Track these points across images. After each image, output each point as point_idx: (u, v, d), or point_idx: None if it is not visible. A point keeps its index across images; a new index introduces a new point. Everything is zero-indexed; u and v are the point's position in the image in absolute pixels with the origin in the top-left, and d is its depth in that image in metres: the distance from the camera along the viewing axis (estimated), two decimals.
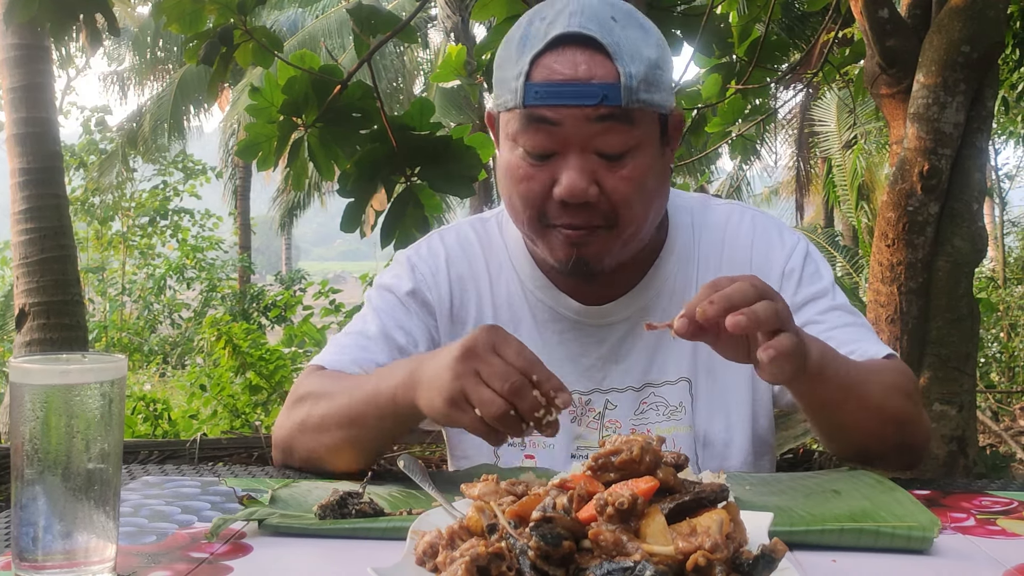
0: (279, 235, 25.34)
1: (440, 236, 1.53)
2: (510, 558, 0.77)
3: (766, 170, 20.17)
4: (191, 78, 16.42)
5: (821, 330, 1.37)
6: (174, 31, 2.73)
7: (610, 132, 1.24)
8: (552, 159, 1.27)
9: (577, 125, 1.23)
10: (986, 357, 9.23)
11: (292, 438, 1.35)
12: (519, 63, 1.25)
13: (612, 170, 1.26)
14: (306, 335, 8.58)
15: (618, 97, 1.22)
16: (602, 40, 1.23)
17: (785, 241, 1.45)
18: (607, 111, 1.23)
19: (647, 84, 1.24)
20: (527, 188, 1.29)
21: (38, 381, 0.87)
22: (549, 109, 1.23)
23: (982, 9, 3.00)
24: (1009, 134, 10.32)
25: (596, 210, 1.27)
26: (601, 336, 1.42)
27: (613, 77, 1.22)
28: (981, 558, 0.95)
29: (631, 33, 1.25)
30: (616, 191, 1.26)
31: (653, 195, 1.31)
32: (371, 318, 1.46)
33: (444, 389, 1.09)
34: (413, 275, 1.48)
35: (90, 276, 15.43)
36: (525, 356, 1.08)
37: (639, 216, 1.30)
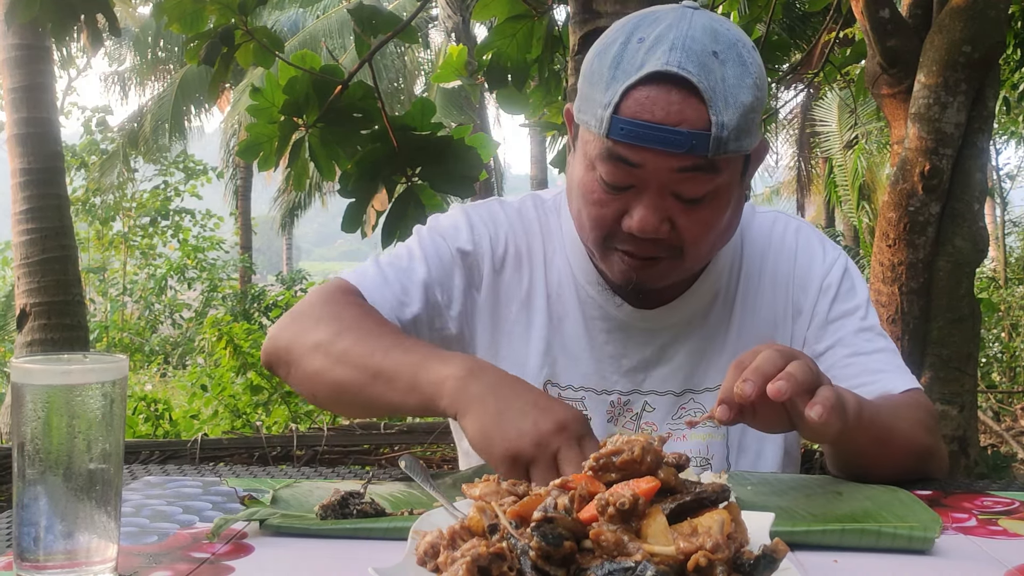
0: (280, 235, 25.34)
1: (501, 205, 1.48)
2: (511, 558, 0.77)
3: (767, 170, 20.17)
4: (192, 78, 16.44)
5: (847, 353, 1.37)
6: (175, 31, 2.73)
7: (692, 181, 1.21)
8: (628, 191, 1.24)
9: (659, 169, 1.20)
10: (987, 357, 9.23)
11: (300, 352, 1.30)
12: (610, 90, 1.20)
13: (688, 212, 1.24)
14: None
15: (706, 148, 1.17)
16: (699, 85, 1.17)
17: (827, 254, 1.45)
18: (691, 162, 1.19)
19: (738, 132, 1.19)
20: (599, 212, 1.26)
21: (39, 381, 0.87)
22: (632, 150, 1.19)
23: (983, 9, 3.00)
24: (1010, 134, 10.33)
25: (663, 243, 1.26)
26: (646, 339, 1.41)
27: (704, 125, 1.17)
28: (983, 558, 0.95)
29: (730, 72, 1.19)
30: (688, 231, 1.25)
31: (724, 232, 1.31)
32: (419, 259, 1.40)
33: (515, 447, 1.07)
34: (472, 234, 1.43)
35: (91, 276, 15.45)
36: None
37: (705, 252, 1.31)
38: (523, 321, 1.42)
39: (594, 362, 1.42)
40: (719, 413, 1.05)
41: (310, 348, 1.29)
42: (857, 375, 1.35)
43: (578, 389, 1.41)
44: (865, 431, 1.16)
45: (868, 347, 1.39)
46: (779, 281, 1.44)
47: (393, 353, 1.22)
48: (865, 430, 1.16)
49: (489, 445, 1.09)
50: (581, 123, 1.27)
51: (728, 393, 1.05)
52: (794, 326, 1.43)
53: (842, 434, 1.11)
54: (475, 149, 2.76)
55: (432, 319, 1.39)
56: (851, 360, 1.37)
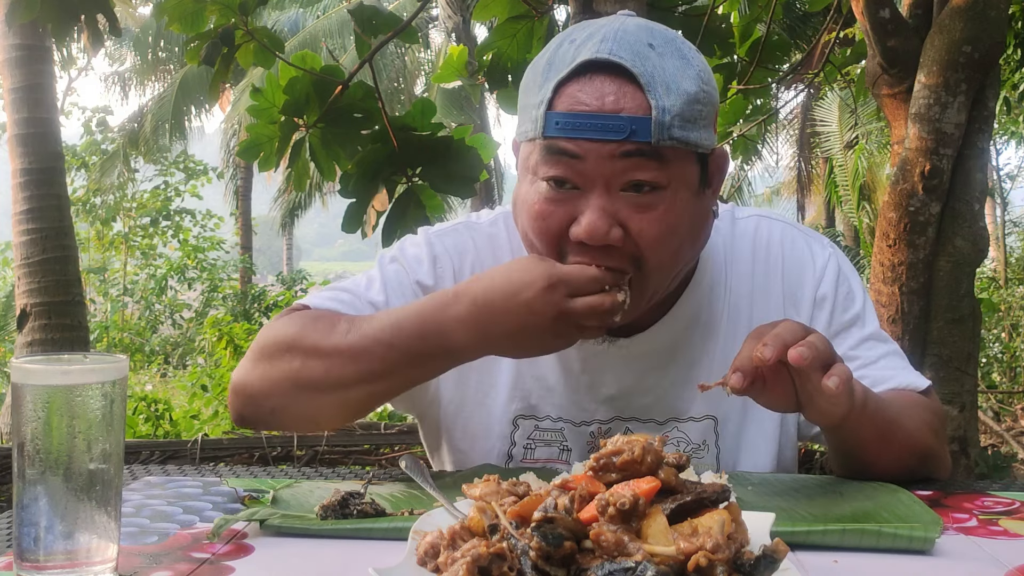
0: (280, 235, 25.36)
1: (471, 231, 1.41)
2: (511, 558, 0.77)
3: (767, 170, 20.16)
4: (192, 78, 16.44)
5: (855, 367, 1.30)
6: (175, 31, 2.74)
7: (637, 168, 1.13)
8: (573, 193, 1.15)
9: (601, 161, 1.12)
10: (987, 357, 9.23)
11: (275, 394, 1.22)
12: (542, 90, 1.15)
13: (639, 211, 1.14)
14: None
15: (647, 133, 1.11)
16: (633, 69, 1.11)
17: (816, 260, 1.37)
18: (635, 147, 1.11)
19: (683, 120, 1.12)
20: (544, 225, 1.17)
21: (40, 381, 0.87)
22: (571, 142, 1.13)
23: (983, 9, 3.00)
24: (1011, 134, 10.34)
25: (619, 253, 1.15)
26: (625, 367, 1.33)
27: (644, 110, 1.11)
28: (983, 558, 0.95)
29: (669, 63, 1.14)
30: (642, 234, 1.15)
31: (685, 241, 1.20)
32: (377, 287, 1.35)
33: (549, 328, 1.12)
34: (433, 268, 1.36)
35: (91, 276, 15.45)
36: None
37: (666, 265, 1.20)
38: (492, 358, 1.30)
39: (570, 393, 1.35)
40: (733, 380, 1.04)
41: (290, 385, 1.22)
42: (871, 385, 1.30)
43: (556, 420, 1.35)
44: (869, 420, 1.15)
45: (873, 355, 1.35)
46: (770, 298, 1.36)
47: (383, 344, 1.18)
48: (870, 419, 1.15)
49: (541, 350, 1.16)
50: (520, 137, 1.21)
51: (744, 362, 1.04)
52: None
53: (847, 419, 1.10)
54: (475, 149, 2.76)
55: None
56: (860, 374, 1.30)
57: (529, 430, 1.35)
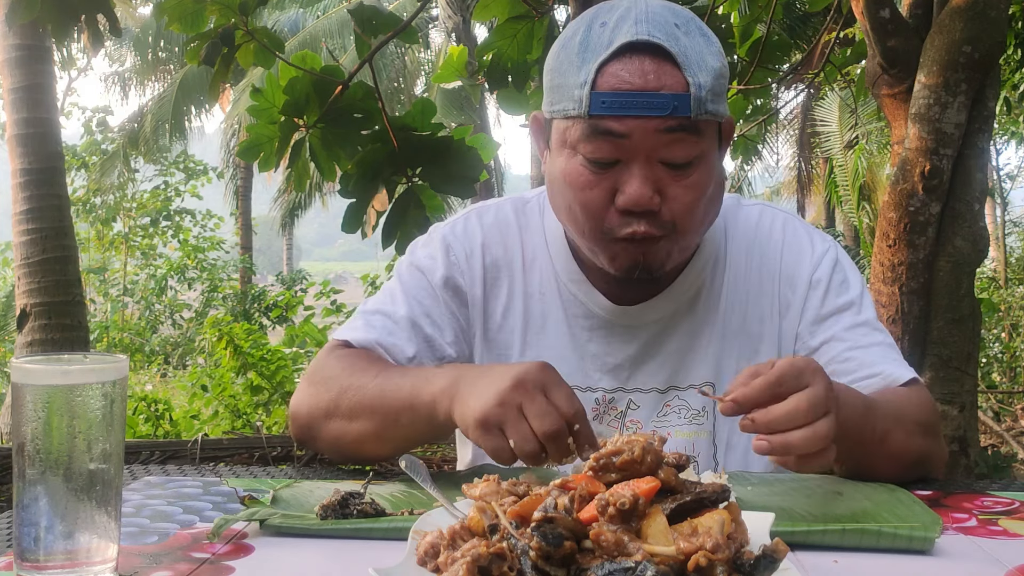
0: (280, 235, 25.35)
1: (479, 215, 1.49)
2: (511, 558, 0.77)
3: (768, 170, 20.17)
4: (192, 78, 16.44)
5: (843, 348, 1.36)
6: (176, 31, 2.73)
7: (678, 143, 1.22)
8: (614, 167, 1.24)
9: (645, 136, 1.21)
10: (987, 357, 9.22)
11: (317, 422, 1.33)
12: (583, 70, 1.21)
13: (677, 180, 1.24)
14: (307, 335, 8.58)
15: (687, 108, 1.20)
16: (671, 49, 1.20)
17: (815, 247, 1.43)
18: (676, 122, 1.20)
19: (713, 94, 1.22)
20: (588, 196, 1.25)
21: (40, 381, 0.87)
22: (616, 120, 1.20)
23: (983, 9, 3.00)
24: (1011, 134, 10.33)
25: (657, 218, 1.25)
26: (630, 336, 1.40)
27: (683, 87, 1.20)
28: (983, 558, 0.95)
29: (696, 41, 1.23)
30: (678, 200, 1.24)
31: (712, 203, 1.30)
32: (400, 299, 1.43)
33: (483, 411, 1.09)
34: (447, 258, 1.44)
35: (92, 277, 15.44)
36: (572, 403, 1.09)
37: (698, 224, 1.29)
38: (506, 327, 1.43)
39: (577, 360, 1.41)
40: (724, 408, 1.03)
41: (323, 417, 1.32)
42: (855, 370, 1.34)
43: None
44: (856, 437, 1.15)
45: (865, 341, 1.37)
46: (765, 277, 1.42)
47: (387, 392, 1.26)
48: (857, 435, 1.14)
49: (465, 424, 1.13)
50: (555, 114, 1.27)
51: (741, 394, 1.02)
52: (782, 322, 1.41)
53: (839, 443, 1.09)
54: (475, 149, 2.76)
55: (430, 350, 1.41)
56: (849, 355, 1.35)
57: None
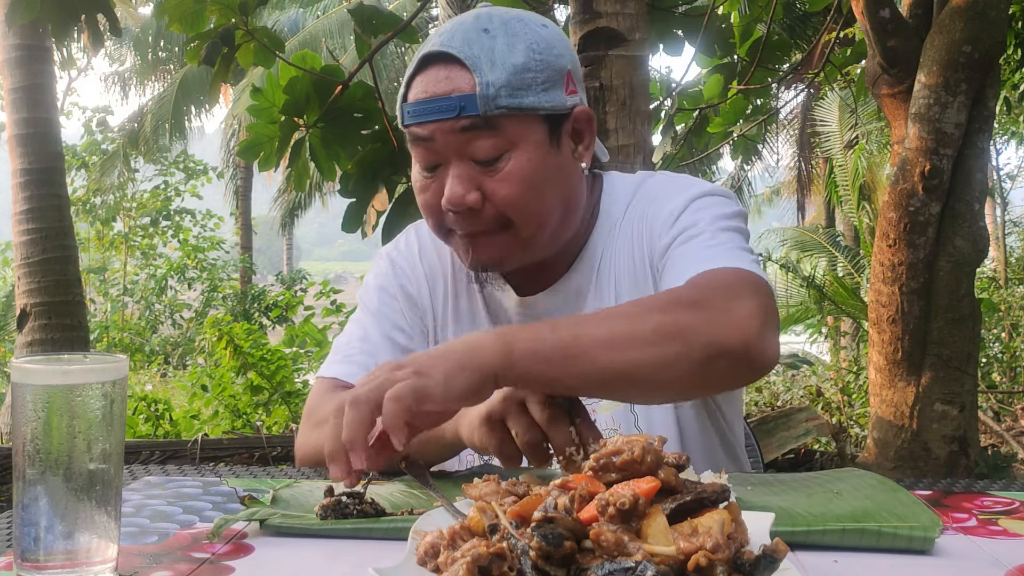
0: (280, 235, 25.35)
1: (416, 229, 1.60)
2: (511, 558, 0.77)
3: (767, 170, 20.15)
4: (192, 78, 16.43)
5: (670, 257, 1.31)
6: (176, 31, 2.74)
7: (477, 140, 1.28)
8: (439, 170, 1.32)
9: (445, 138, 1.29)
10: (987, 357, 9.22)
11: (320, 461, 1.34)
12: (403, 86, 1.33)
13: (489, 175, 1.30)
14: (307, 335, 8.59)
15: (474, 107, 1.26)
16: (458, 55, 1.27)
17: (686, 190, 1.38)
18: (468, 121, 1.27)
19: (511, 89, 1.26)
20: (425, 199, 1.36)
21: (40, 381, 0.87)
22: (420, 126, 1.30)
23: (983, 9, 3.00)
24: (1011, 134, 10.34)
25: (482, 215, 1.31)
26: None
27: (470, 87, 1.26)
28: (983, 558, 0.95)
29: (497, 43, 1.28)
30: (496, 194, 1.29)
31: (546, 192, 1.32)
32: (369, 322, 1.51)
33: (486, 409, 1.12)
34: (394, 272, 1.54)
35: (92, 276, 15.45)
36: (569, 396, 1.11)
37: (533, 216, 1.31)
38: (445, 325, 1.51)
39: None
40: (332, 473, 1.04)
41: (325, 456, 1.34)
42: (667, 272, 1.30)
43: None
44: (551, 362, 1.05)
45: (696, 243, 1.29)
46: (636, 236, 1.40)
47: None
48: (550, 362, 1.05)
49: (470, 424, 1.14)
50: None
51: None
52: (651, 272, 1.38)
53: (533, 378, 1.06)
54: None
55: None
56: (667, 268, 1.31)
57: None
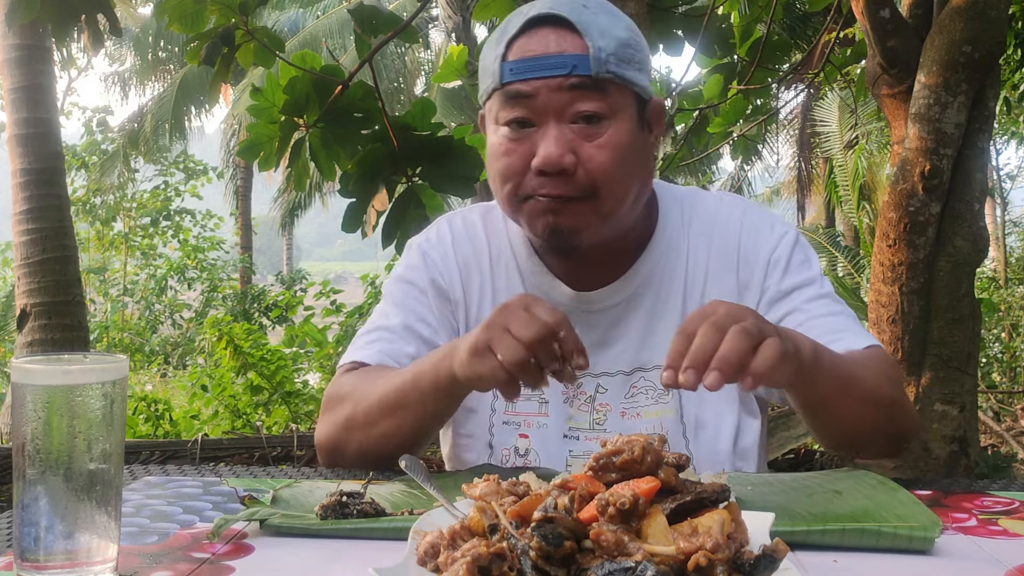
0: (280, 235, 25.34)
1: (448, 220, 1.58)
2: (511, 558, 0.77)
3: (767, 170, 20.17)
4: (192, 78, 16.43)
5: (803, 319, 1.39)
6: (176, 31, 2.73)
7: (582, 99, 1.29)
8: (531, 132, 1.32)
9: (550, 95, 1.29)
10: (987, 357, 9.22)
11: (339, 438, 1.39)
12: (497, 48, 1.33)
13: (588, 139, 1.30)
14: (307, 335, 8.58)
15: (587, 67, 1.28)
16: (571, 18, 1.30)
17: (774, 230, 1.47)
18: (578, 80, 1.29)
19: (617, 59, 1.30)
20: (507, 163, 1.33)
21: (40, 381, 0.87)
22: (524, 83, 1.30)
23: (983, 9, 3.00)
24: (1011, 134, 10.34)
25: (573, 180, 1.31)
26: (592, 322, 1.44)
27: (583, 49, 1.29)
28: (983, 558, 0.95)
29: (601, 17, 1.32)
30: (592, 159, 1.30)
31: (632, 170, 1.34)
32: (392, 312, 1.50)
33: (471, 339, 1.17)
34: (425, 263, 1.52)
35: (92, 277, 15.45)
36: (554, 314, 1.15)
37: (618, 189, 1.33)
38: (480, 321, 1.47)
39: None
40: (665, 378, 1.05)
41: (344, 431, 1.38)
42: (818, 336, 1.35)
43: None
44: (825, 376, 1.18)
45: (825, 311, 1.41)
46: (725, 259, 1.45)
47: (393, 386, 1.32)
48: (825, 375, 1.18)
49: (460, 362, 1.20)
50: (484, 97, 1.37)
51: (672, 358, 1.05)
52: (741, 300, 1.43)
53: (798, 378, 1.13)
54: (475, 149, 2.76)
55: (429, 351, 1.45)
56: (811, 323, 1.38)
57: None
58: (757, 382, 1.03)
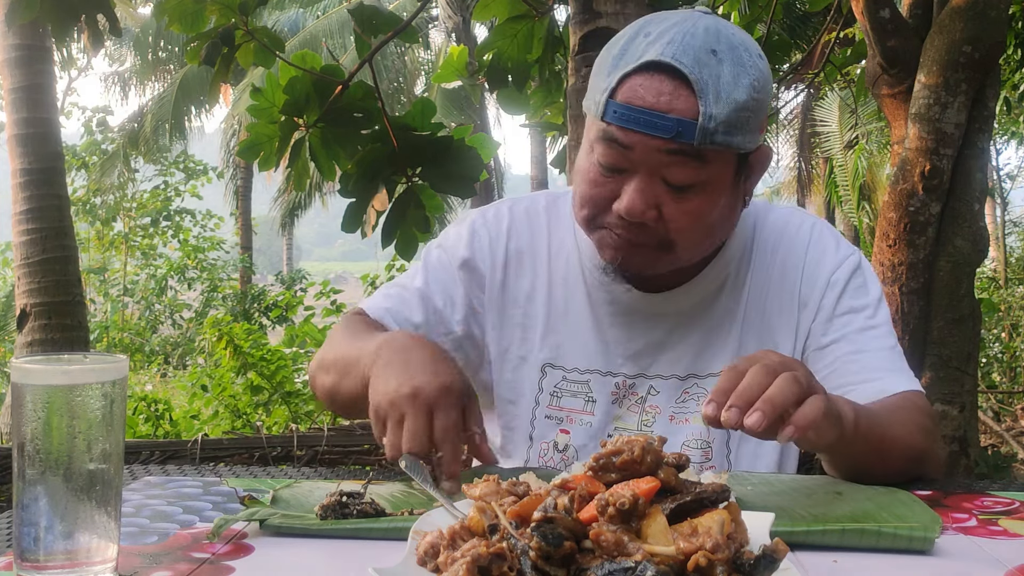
0: (280, 235, 25.34)
1: (511, 205, 1.55)
2: (511, 558, 0.77)
3: (768, 170, 20.16)
4: (192, 78, 16.44)
5: (850, 350, 1.38)
6: (176, 31, 2.73)
7: (679, 166, 1.25)
8: (622, 174, 1.28)
9: (647, 152, 1.25)
10: (987, 357, 9.22)
11: (313, 373, 1.45)
12: (609, 77, 1.26)
13: (675, 200, 1.27)
14: (307, 335, 8.57)
15: (692, 135, 1.22)
16: (690, 75, 1.21)
17: (840, 250, 1.46)
18: (678, 146, 1.23)
19: (728, 126, 1.23)
20: (592, 192, 1.31)
21: (40, 381, 0.87)
22: (623, 132, 1.25)
23: (983, 9, 3.00)
24: (1011, 134, 10.34)
25: (651, 232, 1.29)
26: (653, 323, 1.44)
27: (692, 114, 1.22)
28: (983, 558, 0.95)
29: (727, 70, 1.23)
30: (674, 220, 1.28)
31: (714, 229, 1.33)
32: (419, 274, 1.51)
33: (375, 402, 1.19)
34: (471, 242, 1.50)
35: (92, 277, 15.45)
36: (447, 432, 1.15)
37: (694, 247, 1.33)
38: (531, 312, 1.48)
39: (600, 344, 1.45)
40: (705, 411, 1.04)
41: (315, 367, 1.45)
42: (857, 372, 1.36)
43: (584, 372, 1.45)
44: (863, 440, 1.16)
45: (872, 345, 1.39)
46: (788, 272, 1.45)
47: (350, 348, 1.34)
48: (863, 438, 1.16)
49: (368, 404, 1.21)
50: (586, 109, 1.32)
51: (717, 394, 1.04)
52: (799, 316, 1.43)
53: (838, 443, 1.11)
54: (475, 149, 2.76)
55: (437, 323, 1.47)
56: (854, 357, 1.37)
57: (556, 379, 1.46)
58: (796, 433, 1.02)
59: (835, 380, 1.36)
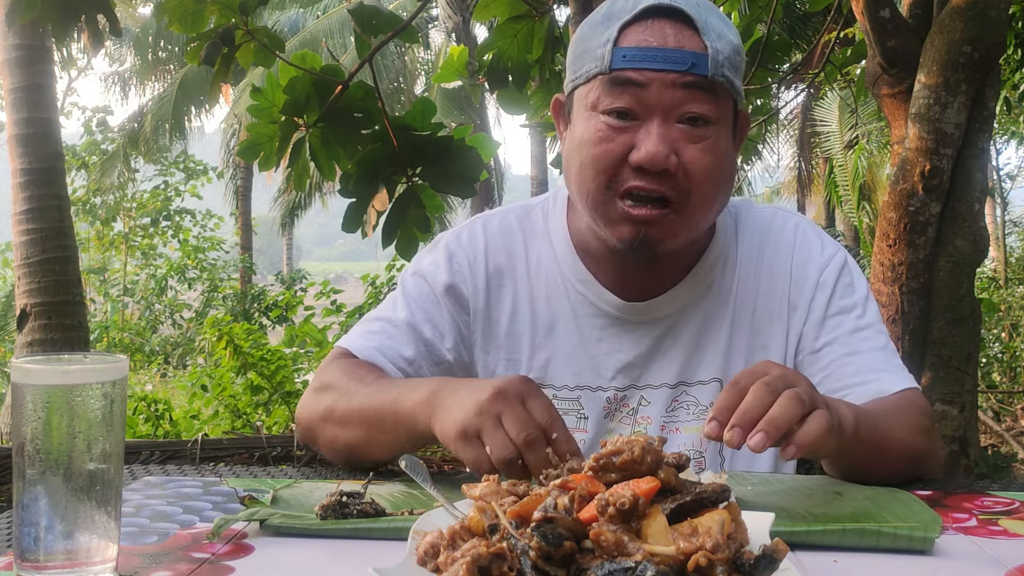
0: (280, 235, 25.34)
1: (483, 223, 1.51)
2: (511, 558, 0.77)
3: (768, 170, 20.15)
4: (192, 78, 16.44)
5: (844, 352, 1.37)
6: (176, 31, 2.73)
7: (694, 100, 1.26)
8: (632, 124, 1.27)
9: (663, 90, 1.25)
10: (988, 357, 9.22)
11: (316, 426, 1.37)
12: (606, 32, 1.27)
13: (692, 141, 1.27)
14: (307, 335, 8.57)
15: (705, 67, 1.25)
16: (691, 14, 1.26)
17: (825, 249, 1.45)
18: (694, 79, 1.25)
19: (729, 64, 1.27)
20: (603, 151, 1.28)
21: (40, 381, 0.87)
22: (636, 72, 1.25)
23: (983, 9, 2.99)
24: (1011, 134, 10.34)
25: (671, 180, 1.27)
26: (641, 333, 1.42)
27: (701, 48, 1.25)
28: (983, 558, 0.95)
29: (714, 19, 1.29)
30: (694, 162, 1.27)
31: (725, 180, 1.32)
32: (401, 305, 1.46)
33: (461, 421, 1.11)
34: (450, 266, 1.46)
35: (92, 277, 15.45)
36: (550, 413, 1.10)
37: (709, 198, 1.31)
38: (514, 332, 1.45)
39: (588, 359, 1.43)
40: (707, 430, 1.03)
41: (320, 422, 1.36)
42: (853, 375, 1.36)
43: (573, 389, 1.43)
44: (863, 443, 1.16)
45: (865, 346, 1.39)
46: (776, 276, 1.44)
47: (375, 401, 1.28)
48: (863, 442, 1.16)
49: (445, 436, 1.14)
50: (578, 81, 1.32)
51: (719, 412, 1.03)
52: (790, 321, 1.43)
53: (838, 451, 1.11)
54: (475, 149, 2.76)
55: (428, 354, 1.43)
56: (848, 359, 1.37)
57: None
58: (799, 453, 1.01)
59: (830, 384, 1.36)
